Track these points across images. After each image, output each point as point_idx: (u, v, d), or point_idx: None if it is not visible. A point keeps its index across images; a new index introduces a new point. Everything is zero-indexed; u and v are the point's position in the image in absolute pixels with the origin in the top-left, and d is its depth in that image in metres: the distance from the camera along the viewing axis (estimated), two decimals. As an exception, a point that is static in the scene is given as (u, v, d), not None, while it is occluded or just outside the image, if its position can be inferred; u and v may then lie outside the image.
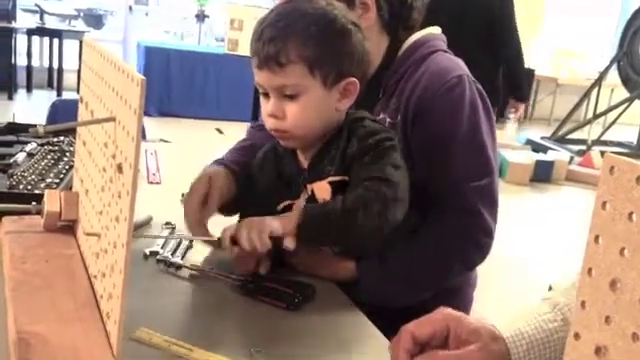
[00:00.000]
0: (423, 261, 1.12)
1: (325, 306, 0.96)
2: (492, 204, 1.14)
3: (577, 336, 0.49)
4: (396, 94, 1.19)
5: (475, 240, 1.14)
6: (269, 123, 1.04)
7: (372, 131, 1.04)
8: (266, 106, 1.04)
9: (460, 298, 1.29)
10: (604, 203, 0.47)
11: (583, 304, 0.48)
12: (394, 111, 1.18)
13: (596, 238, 0.47)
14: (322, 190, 1.05)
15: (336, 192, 1.03)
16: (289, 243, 0.97)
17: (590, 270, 0.48)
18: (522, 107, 3.44)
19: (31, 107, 6.04)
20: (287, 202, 1.10)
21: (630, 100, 6.40)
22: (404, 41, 1.22)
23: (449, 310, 0.82)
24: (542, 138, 6.54)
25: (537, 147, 6.09)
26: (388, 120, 1.18)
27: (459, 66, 1.18)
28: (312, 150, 1.08)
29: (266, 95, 1.04)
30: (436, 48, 1.21)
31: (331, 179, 1.04)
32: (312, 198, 1.06)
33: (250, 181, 1.17)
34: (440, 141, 1.14)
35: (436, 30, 1.26)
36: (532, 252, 3.82)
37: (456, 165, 1.13)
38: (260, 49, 1.00)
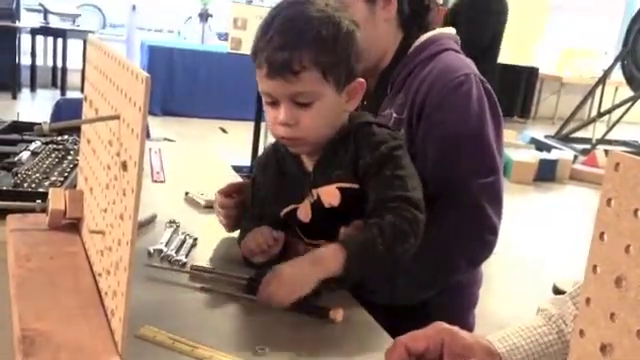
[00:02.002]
0: (428, 258, 1.11)
1: (329, 304, 0.96)
2: (497, 201, 1.14)
3: (582, 333, 0.49)
4: (403, 90, 1.19)
5: (480, 237, 1.14)
6: (280, 131, 1.01)
7: (382, 139, 1.03)
8: (275, 114, 1.00)
9: (465, 296, 1.29)
10: (609, 200, 0.47)
11: (588, 301, 0.48)
12: (400, 107, 1.18)
13: (601, 235, 0.47)
14: (330, 195, 1.03)
15: (345, 198, 1.02)
16: (338, 316, 0.95)
17: (595, 267, 0.48)
18: None
19: (35, 106, 6.05)
20: (291, 207, 1.08)
21: (634, 99, 6.39)
22: (416, 39, 1.23)
23: (444, 325, 0.82)
24: (546, 137, 6.53)
25: (541, 146, 6.08)
26: (394, 115, 1.18)
27: (467, 65, 1.18)
28: (317, 153, 1.06)
29: (273, 103, 1.01)
30: (446, 47, 1.21)
31: (340, 185, 1.03)
32: (318, 202, 1.05)
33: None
34: (446, 138, 1.14)
35: (449, 30, 1.26)
36: (536, 251, 3.81)
37: (462, 162, 1.13)
38: (270, 57, 0.96)
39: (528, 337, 0.83)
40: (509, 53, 7.86)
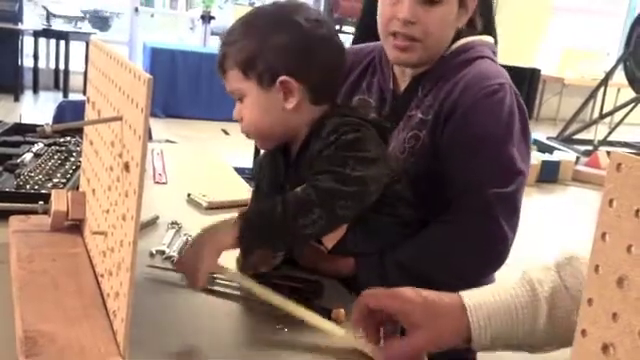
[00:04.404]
0: (428, 258, 1.10)
1: (332, 304, 0.96)
2: (512, 213, 1.12)
3: (584, 333, 0.49)
4: (433, 92, 1.18)
5: (488, 246, 1.12)
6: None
7: (332, 129, 1.01)
8: None
9: None
10: (611, 200, 0.47)
11: (590, 301, 0.48)
12: (427, 108, 1.18)
13: (603, 235, 0.47)
14: None
15: None
16: (340, 317, 0.93)
17: (597, 267, 0.48)
18: None
19: (38, 108, 6.06)
20: None
21: (636, 100, 6.37)
22: (453, 43, 1.22)
23: (406, 290, 0.84)
24: (548, 138, 6.52)
25: (543, 147, 6.07)
26: (420, 116, 1.18)
27: (503, 74, 1.18)
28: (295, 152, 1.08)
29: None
30: (482, 54, 1.21)
31: None
32: None
33: None
34: (470, 142, 1.13)
35: (488, 38, 1.25)
36: (538, 252, 3.80)
37: (481, 167, 1.12)
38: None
39: (498, 293, 0.83)
40: (511, 54, 7.87)
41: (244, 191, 1.52)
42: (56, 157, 1.48)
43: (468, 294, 0.83)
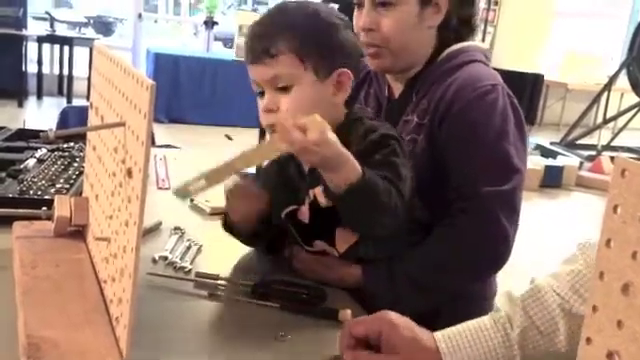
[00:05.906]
0: (433, 264, 1.10)
1: (336, 307, 0.96)
2: (512, 211, 1.12)
3: (589, 341, 0.48)
4: (427, 96, 1.19)
5: (489, 247, 1.12)
6: (264, 119, 1.03)
7: (371, 127, 1.03)
8: (261, 103, 1.04)
9: (478, 307, 1.27)
10: (615, 206, 0.46)
11: (595, 308, 0.48)
12: (423, 112, 1.18)
13: (608, 242, 0.47)
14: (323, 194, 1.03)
15: None
16: (347, 317, 0.95)
17: (602, 274, 0.48)
18: None
19: (41, 114, 6.08)
20: (291, 207, 1.10)
21: (640, 105, 6.37)
22: (447, 47, 1.23)
23: (389, 314, 0.84)
24: (551, 143, 6.52)
25: (546, 152, 6.06)
26: (416, 120, 1.19)
27: (495, 77, 1.19)
28: None
29: (261, 93, 1.05)
30: (475, 58, 1.22)
31: None
32: (315, 202, 1.06)
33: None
34: (466, 136, 1.13)
35: (481, 43, 1.27)
36: (542, 258, 3.79)
37: (476, 160, 1.12)
38: (253, 44, 1.02)
39: (473, 339, 0.83)
40: (514, 59, 7.88)
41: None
42: (59, 163, 1.48)
43: (444, 338, 0.83)
